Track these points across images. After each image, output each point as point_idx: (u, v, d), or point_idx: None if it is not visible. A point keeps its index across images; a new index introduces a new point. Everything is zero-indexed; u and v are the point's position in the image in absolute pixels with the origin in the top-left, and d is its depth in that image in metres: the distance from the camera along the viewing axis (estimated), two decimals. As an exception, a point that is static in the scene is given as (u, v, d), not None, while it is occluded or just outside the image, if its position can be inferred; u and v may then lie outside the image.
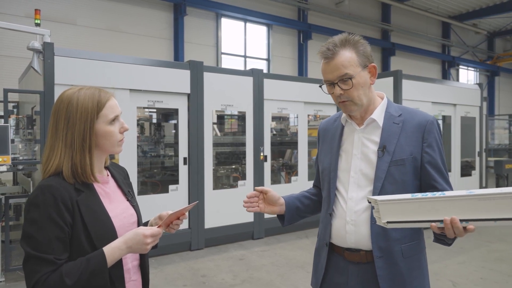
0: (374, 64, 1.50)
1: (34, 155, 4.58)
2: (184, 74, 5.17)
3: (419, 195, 1.17)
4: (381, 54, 14.29)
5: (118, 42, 8.98)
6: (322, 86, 1.55)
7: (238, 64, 11.17)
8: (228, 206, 5.43)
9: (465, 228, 1.12)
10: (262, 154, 5.85)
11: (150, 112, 6.38)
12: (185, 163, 5.22)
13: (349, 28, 12.58)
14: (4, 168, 3.98)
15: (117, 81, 4.65)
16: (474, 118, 7.51)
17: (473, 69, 18.71)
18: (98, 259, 1.18)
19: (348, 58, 1.44)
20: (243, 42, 11.34)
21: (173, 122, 5.93)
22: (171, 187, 5.14)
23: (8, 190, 5.45)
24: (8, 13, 7.58)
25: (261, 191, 1.60)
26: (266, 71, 11.01)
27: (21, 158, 4.53)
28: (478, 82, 10.57)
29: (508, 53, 19.12)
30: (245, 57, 11.38)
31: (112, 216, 1.30)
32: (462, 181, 7.21)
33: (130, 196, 1.45)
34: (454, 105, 7.11)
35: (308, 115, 6.48)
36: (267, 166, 5.95)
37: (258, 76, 5.83)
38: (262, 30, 11.69)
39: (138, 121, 5.33)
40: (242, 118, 5.98)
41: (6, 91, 4.10)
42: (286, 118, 7.21)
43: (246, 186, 5.69)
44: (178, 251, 5.14)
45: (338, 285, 1.55)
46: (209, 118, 5.41)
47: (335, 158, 1.59)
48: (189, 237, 5.19)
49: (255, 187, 1.61)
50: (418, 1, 14.20)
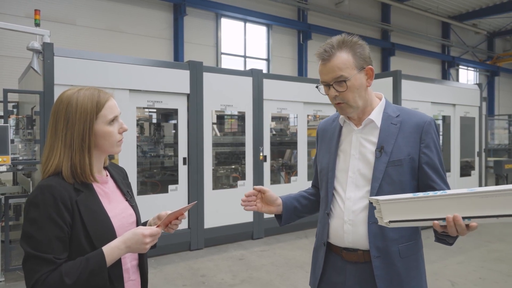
0: (371, 66, 1.49)
1: (34, 155, 4.58)
2: (183, 74, 5.17)
3: (421, 194, 1.17)
4: (380, 54, 14.30)
5: (118, 42, 8.98)
6: (318, 87, 1.56)
7: (238, 64, 11.16)
8: (227, 206, 5.44)
9: (467, 225, 1.12)
10: (261, 154, 5.85)
11: (149, 112, 6.38)
12: (184, 163, 5.23)
13: (349, 28, 12.58)
14: (4, 168, 3.99)
15: (116, 81, 4.66)
16: (474, 118, 7.51)
17: (473, 69, 18.70)
18: (97, 259, 1.19)
19: (343, 60, 1.44)
20: (243, 42, 11.34)
21: (172, 122, 5.94)
22: (171, 187, 5.15)
23: (8, 190, 5.45)
24: (8, 13, 7.58)
25: (259, 191, 1.61)
26: (266, 71, 11.01)
27: (20, 158, 4.53)
28: (477, 82, 10.57)
29: (508, 53, 19.11)
30: (245, 57, 11.38)
31: (111, 216, 1.31)
32: (462, 181, 7.21)
33: (129, 196, 1.46)
34: (454, 105, 7.11)
35: (307, 115, 6.48)
36: (267, 166, 5.96)
37: (257, 76, 5.84)
38: (262, 30, 11.69)
39: (137, 121, 5.34)
40: (241, 118, 5.99)
41: (6, 91, 4.11)
42: (285, 118, 7.22)
43: (246, 186, 5.70)
44: (177, 251, 5.15)
45: (336, 284, 1.55)
46: (208, 118, 5.42)
47: (333, 158, 1.60)
48: (188, 237, 5.20)
49: (254, 186, 1.62)
50: (418, 1, 14.20)
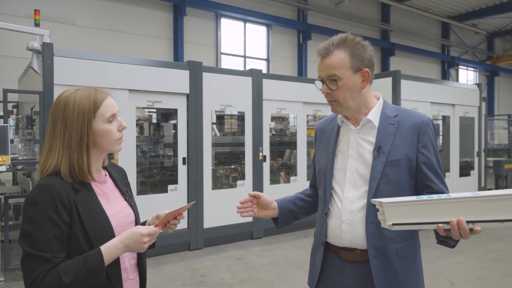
0: (367, 69, 1.48)
1: (34, 155, 4.59)
2: (183, 74, 5.18)
3: (425, 197, 1.16)
4: (380, 54, 14.30)
5: (118, 42, 8.99)
6: (315, 82, 1.57)
7: (237, 64, 11.17)
8: (227, 206, 5.43)
9: (471, 229, 1.12)
10: (261, 154, 5.86)
11: (149, 112, 6.39)
12: (184, 163, 5.23)
13: (348, 28, 12.55)
14: (3, 168, 4.00)
15: (116, 81, 4.67)
16: (473, 118, 7.51)
17: (472, 69, 18.70)
18: (95, 258, 1.20)
19: (339, 60, 1.45)
20: (243, 42, 11.35)
21: (172, 122, 5.94)
22: (170, 187, 5.15)
23: (7, 190, 5.46)
24: (8, 13, 7.59)
25: (254, 196, 1.63)
26: (265, 71, 11.02)
27: (20, 158, 4.54)
28: (477, 82, 10.57)
29: (507, 53, 19.11)
30: (244, 57, 11.38)
31: (109, 215, 1.31)
32: (461, 181, 7.21)
33: (128, 195, 1.46)
34: (453, 105, 7.11)
35: (307, 115, 6.49)
36: (266, 166, 5.96)
37: (257, 76, 5.84)
38: (262, 30, 11.69)
39: (137, 121, 5.34)
40: (241, 118, 5.99)
41: (6, 91, 4.12)
42: (285, 118, 7.22)
43: (245, 186, 5.70)
44: (177, 251, 5.16)
45: (334, 283, 1.56)
46: (208, 118, 5.43)
47: (331, 158, 1.60)
48: (188, 237, 5.21)
49: (249, 193, 1.64)
50: (417, 1, 14.20)
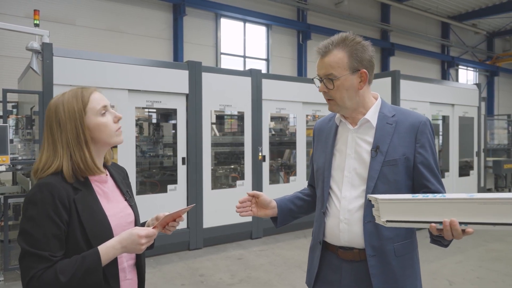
0: (366, 70, 1.48)
1: (33, 155, 4.59)
2: (182, 74, 5.18)
3: (420, 196, 1.17)
4: (380, 54, 14.30)
5: (118, 42, 8.99)
6: (314, 79, 1.58)
7: (237, 64, 11.17)
8: (226, 206, 5.43)
9: (463, 230, 1.13)
10: (260, 154, 5.86)
11: (149, 112, 6.39)
12: (183, 163, 5.24)
13: (348, 28, 12.48)
14: (3, 168, 4.00)
15: (115, 81, 4.67)
16: (472, 118, 7.52)
17: (472, 69, 18.70)
18: (93, 258, 1.20)
19: (337, 59, 1.46)
20: (243, 42, 11.35)
21: (171, 122, 5.95)
22: (170, 187, 5.16)
23: (7, 190, 5.47)
24: (8, 13, 7.60)
25: (253, 196, 1.63)
26: (265, 71, 11.03)
27: (20, 158, 4.54)
28: (476, 82, 10.58)
29: (507, 53, 19.11)
30: (244, 57, 11.38)
31: (109, 215, 1.32)
32: (460, 181, 7.22)
33: (128, 196, 1.46)
34: (452, 105, 7.12)
35: (306, 115, 6.49)
36: (266, 166, 5.97)
37: (256, 76, 5.85)
38: (262, 30, 11.70)
39: (137, 121, 5.35)
40: (240, 118, 6.00)
41: (5, 91, 4.12)
42: (285, 118, 7.23)
43: (245, 186, 5.71)
44: (176, 251, 5.16)
45: (332, 282, 1.56)
46: (207, 118, 5.43)
47: (329, 157, 1.61)
48: (187, 236, 5.21)
49: (247, 192, 1.64)
50: (417, 1, 14.20)
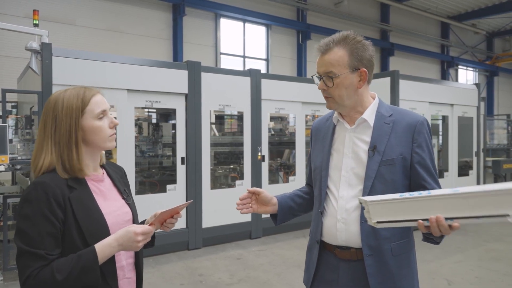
0: (365, 69, 1.49)
1: (33, 155, 4.59)
2: (181, 74, 5.18)
3: (407, 195, 1.19)
4: (380, 54, 14.30)
5: (118, 42, 8.99)
6: (313, 77, 1.59)
7: (237, 64, 11.17)
8: (225, 206, 5.44)
9: (450, 226, 1.14)
10: (259, 154, 5.87)
11: (148, 112, 6.40)
12: (183, 163, 5.24)
13: (348, 28, 12.21)
14: (2, 168, 4.01)
15: (115, 81, 4.67)
16: (472, 118, 7.52)
17: (472, 69, 18.70)
18: (89, 256, 1.20)
19: (337, 57, 1.47)
20: (242, 42, 11.35)
21: (171, 122, 5.95)
22: (169, 187, 5.16)
23: (6, 189, 5.47)
24: (7, 13, 7.60)
25: (253, 192, 1.61)
26: (265, 71, 11.03)
27: (19, 158, 4.54)
28: (476, 82, 10.58)
29: (507, 53, 19.11)
30: (244, 57, 11.39)
31: (105, 213, 1.32)
32: (460, 181, 7.22)
33: (126, 194, 1.46)
34: (452, 105, 7.11)
35: (306, 115, 6.50)
36: (265, 166, 5.97)
37: (255, 76, 5.85)
38: (261, 30, 11.70)
39: (136, 121, 5.35)
40: (240, 118, 6.00)
41: (5, 91, 4.13)
42: (284, 118, 7.23)
43: (244, 186, 5.71)
44: (175, 250, 5.17)
45: (329, 282, 1.57)
46: (206, 118, 5.43)
47: (327, 157, 1.61)
48: (186, 236, 5.21)
49: (247, 189, 1.62)
50: (417, 1, 14.20)
